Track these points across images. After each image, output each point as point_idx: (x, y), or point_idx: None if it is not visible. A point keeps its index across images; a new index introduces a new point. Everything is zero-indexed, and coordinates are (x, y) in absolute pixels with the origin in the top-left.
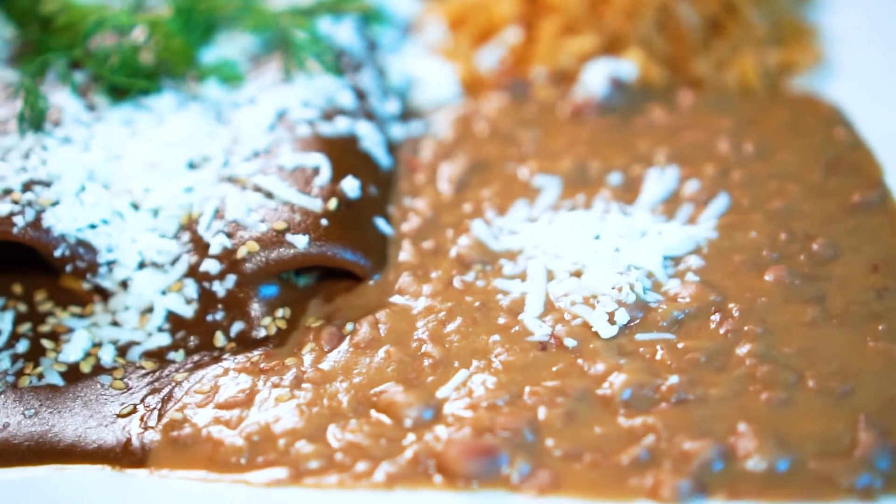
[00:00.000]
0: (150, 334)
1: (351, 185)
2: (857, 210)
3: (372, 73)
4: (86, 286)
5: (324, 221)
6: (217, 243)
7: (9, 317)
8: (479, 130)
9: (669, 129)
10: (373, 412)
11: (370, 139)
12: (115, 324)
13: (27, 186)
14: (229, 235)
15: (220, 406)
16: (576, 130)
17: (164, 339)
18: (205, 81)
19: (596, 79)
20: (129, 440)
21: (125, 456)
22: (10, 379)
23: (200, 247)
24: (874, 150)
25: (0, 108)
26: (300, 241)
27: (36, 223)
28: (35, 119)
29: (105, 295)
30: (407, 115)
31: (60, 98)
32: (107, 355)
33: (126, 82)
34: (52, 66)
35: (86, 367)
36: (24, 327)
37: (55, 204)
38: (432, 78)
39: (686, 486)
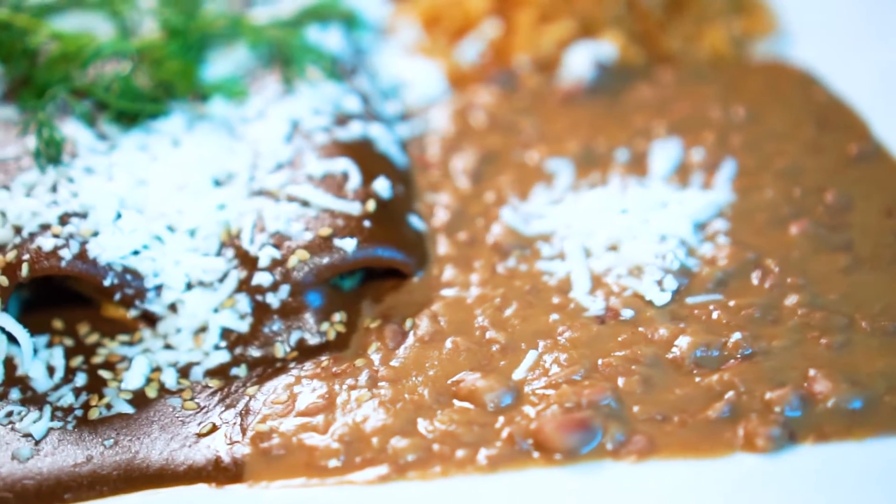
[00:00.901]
0: (207, 353)
1: (383, 186)
2: (856, 161)
3: (367, 77)
4: (133, 313)
5: (366, 223)
6: (266, 255)
7: (58, 353)
8: (477, 123)
9: (659, 104)
10: (455, 401)
11: (384, 140)
12: (168, 347)
13: (64, 219)
14: (275, 247)
15: (302, 413)
16: (571, 114)
17: (223, 357)
18: (210, 100)
19: (580, 63)
20: (219, 457)
21: (219, 473)
22: (80, 413)
23: (248, 261)
24: (852, 106)
25: (8, 146)
26: (348, 245)
27: (82, 254)
28: (52, 152)
29: (152, 320)
30: (403, 115)
31: (70, 129)
32: (169, 378)
33: (135, 107)
34: (53, 99)
35: (151, 392)
36: (77, 361)
37: (95, 234)
38: (419, 77)
39: (777, 434)
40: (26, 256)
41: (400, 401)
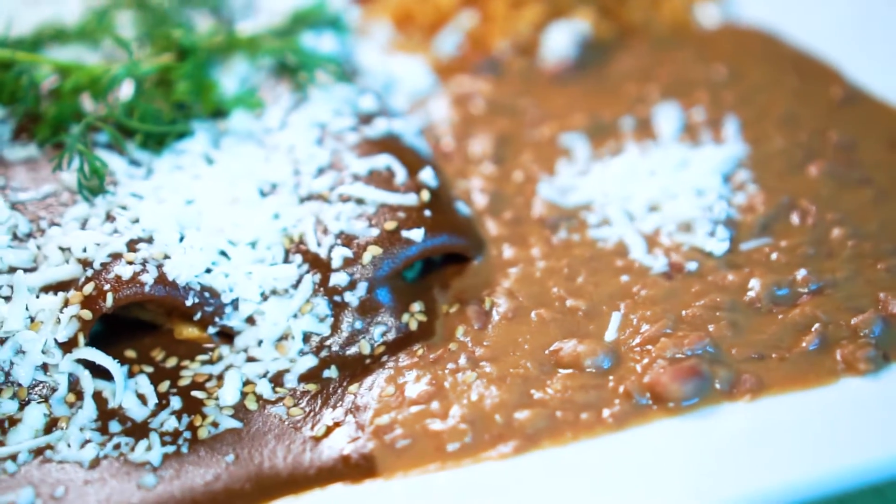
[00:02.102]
0: (293, 360)
1: (429, 176)
2: (844, 104)
3: (366, 76)
4: (211, 331)
5: (427, 213)
6: (338, 256)
7: (143, 381)
8: (478, 109)
9: (643, 71)
10: (559, 370)
11: (409, 134)
12: (252, 360)
13: (131, 246)
14: (345, 246)
15: (415, 402)
16: (564, 91)
17: (311, 361)
18: (230, 115)
19: (561, 42)
20: (346, 456)
21: (351, 470)
22: (188, 434)
23: (319, 264)
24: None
25: (42, 184)
26: (417, 235)
27: (161, 278)
28: (95, 183)
29: (228, 336)
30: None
31: (103, 158)
32: (265, 389)
33: (164, 130)
34: (85, 130)
35: (251, 405)
36: (164, 386)
37: (167, 257)
38: (406, 72)
39: (874, 355)
40: (107, 287)
41: (507, 376)
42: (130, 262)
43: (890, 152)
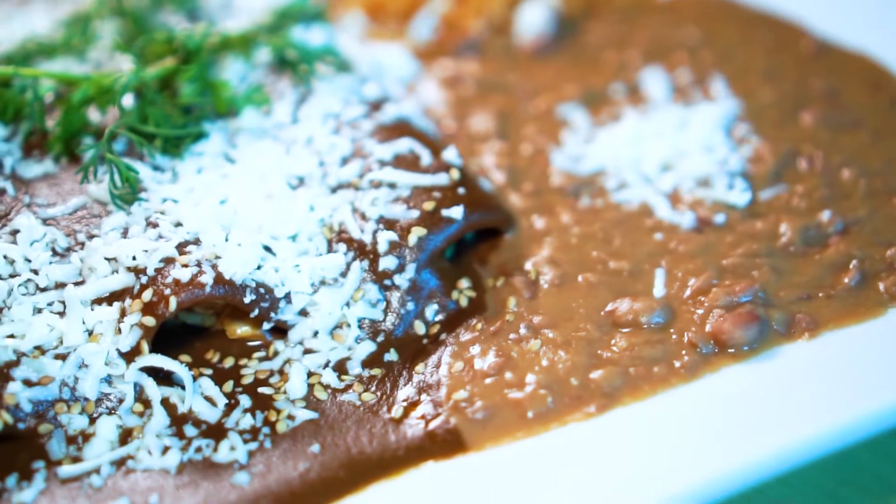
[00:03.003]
0: (351, 348)
1: (453, 155)
2: (817, 56)
3: (355, 66)
4: (266, 326)
5: (461, 190)
6: (384, 240)
7: (207, 383)
8: (469, 89)
9: (619, 40)
10: (619, 329)
11: (416, 117)
12: (309, 351)
13: (181, 250)
14: (388, 230)
15: (488, 375)
16: (547, 64)
17: (369, 346)
18: (240, 113)
19: (536, 18)
20: (432, 434)
21: (441, 447)
22: (266, 430)
23: (365, 250)
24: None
25: (70, 197)
26: (457, 213)
27: (219, 278)
28: (128, 191)
29: (280, 330)
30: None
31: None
32: (331, 378)
33: (182, 133)
34: (111, 139)
35: (321, 395)
36: (228, 386)
37: (218, 257)
38: (390, 59)
39: None
40: (168, 291)
41: (571, 340)
42: (185, 265)
43: (873, 95)
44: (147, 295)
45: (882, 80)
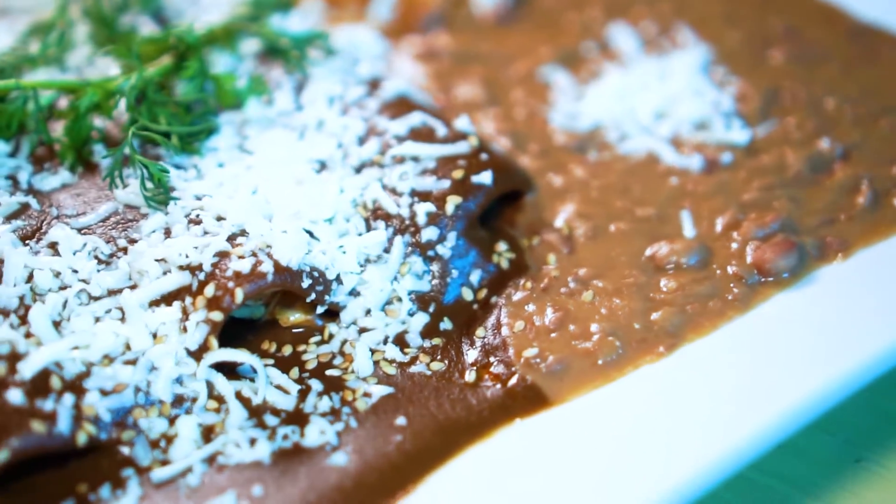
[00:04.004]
0: (404, 322)
1: (465, 123)
2: None
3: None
4: (320, 310)
5: (484, 156)
6: (422, 212)
7: (275, 372)
8: (445, 62)
9: (575, 1)
10: (662, 271)
11: (414, 91)
12: (364, 330)
13: (232, 242)
14: (424, 202)
15: (552, 330)
16: (514, 30)
17: (423, 318)
18: (244, 105)
19: None
20: (510, 393)
21: (524, 405)
22: (347, 410)
23: (405, 224)
24: None
25: (97, 205)
26: (486, 178)
27: (278, 265)
28: (160, 191)
29: (330, 314)
30: None
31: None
32: (395, 353)
33: (197, 129)
34: (132, 142)
35: (391, 370)
36: (294, 373)
37: (268, 246)
38: (359, 40)
39: None
40: (231, 284)
41: (621, 287)
42: (241, 257)
43: (829, 29)
44: (209, 290)
45: (832, 15)
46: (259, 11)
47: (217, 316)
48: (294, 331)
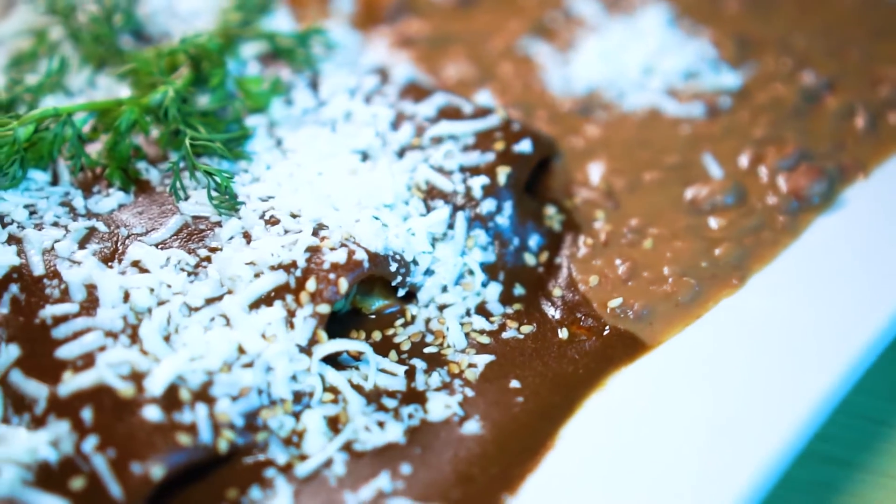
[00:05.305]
0: (479, 293)
1: (487, 97)
2: None
3: None
4: (401, 293)
5: (516, 126)
6: (477, 185)
7: (377, 357)
8: (422, 47)
9: None
10: (706, 212)
11: (418, 76)
12: (444, 307)
13: (317, 234)
14: (476, 176)
15: (627, 279)
16: (478, 10)
17: (496, 287)
18: (269, 107)
19: None
20: (607, 342)
21: (623, 353)
22: (459, 382)
23: (462, 200)
24: None
25: (164, 220)
26: (526, 146)
27: (369, 252)
28: (229, 198)
29: (409, 294)
30: None
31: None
32: (483, 323)
33: (239, 135)
34: (189, 153)
35: (484, 339)
36: (394, 357)
37: (351, 236)
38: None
39: None
40: (333, 276)
41: (676, 231)
42: (333, 249)
43: None
44: (311, 285)
45: None
46: (250, 16)
47: (324, 308)
48: (371, 317)
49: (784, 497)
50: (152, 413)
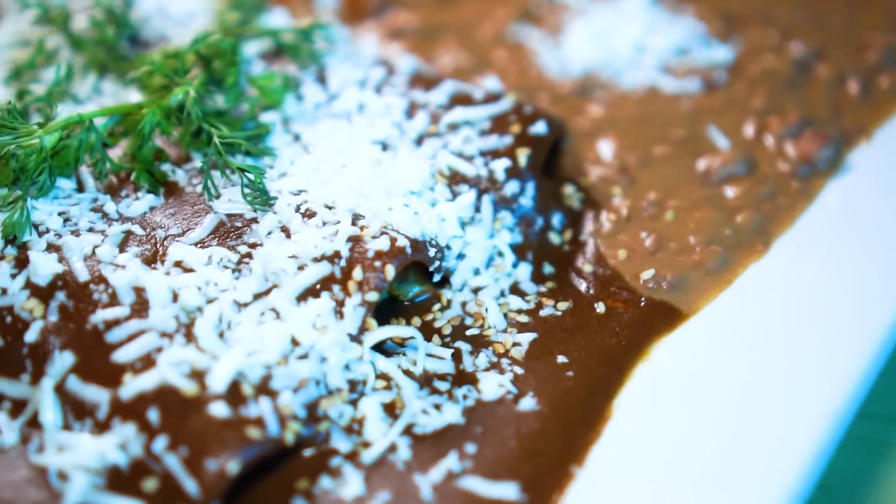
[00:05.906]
0: (509, 274)
1: (494, 82)
2: None
3: None
4: (436, 278)
5: (528, 108)
6: (500, 168)
7: (424, 347)
8: (411, 38)
9: None
10: (718, 182)
11: (419, 67)
12: (477, 290)
13: (356, 224)
14: (497, 159)
15: (655, 251)
16: (458, 2)
17: (527, 267)
18: (282, 104)
19: None
20: (644, 313)
21: (662, 323)
22: (507, 361)
23: (486, 184)
24: None
25: (199, 220)
26: (542, 127)
27: (410, 239)
28: (262, 194)
29: (443, 279)
30: None
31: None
32: (519, 303)
33: (259, 132)
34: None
35: (523, 318)
36: (437, 341)
37: (388, 224)
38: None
39: None
40: (378, 263)
41: (695, 202)
42: (374, 237)
43: None
44: (357, 274)
45: None
46: (247, 15)
47: (372, 296)
48: (406, 304)
49: (836, 455)
50: (219, 409)
